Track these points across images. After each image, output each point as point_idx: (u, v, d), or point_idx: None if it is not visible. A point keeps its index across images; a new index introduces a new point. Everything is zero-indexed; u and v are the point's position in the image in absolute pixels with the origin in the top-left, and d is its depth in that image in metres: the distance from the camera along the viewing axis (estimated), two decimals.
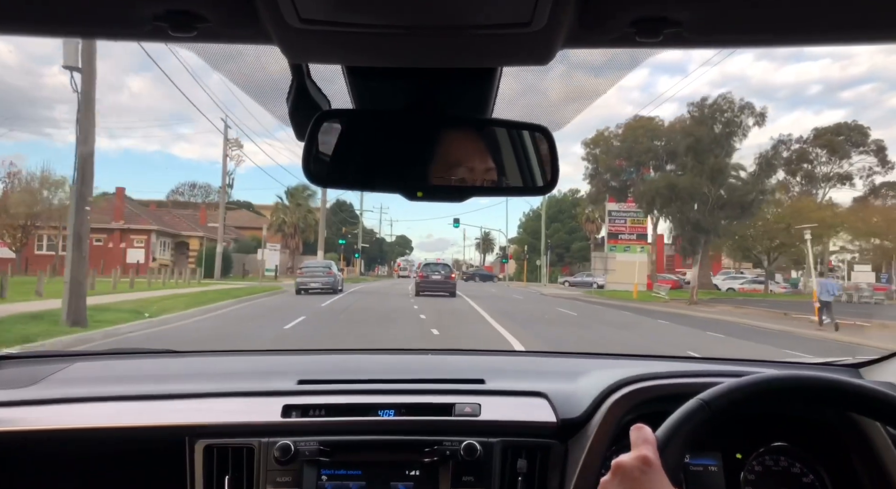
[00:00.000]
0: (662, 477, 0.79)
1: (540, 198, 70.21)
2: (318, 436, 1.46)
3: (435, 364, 2.11)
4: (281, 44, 0.72)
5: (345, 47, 0.75)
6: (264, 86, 1.02)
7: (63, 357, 1.95)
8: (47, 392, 1.64)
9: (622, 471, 0.80)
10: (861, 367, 1.84)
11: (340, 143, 0.99)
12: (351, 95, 1.00)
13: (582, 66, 0.94)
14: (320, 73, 0.99)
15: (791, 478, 1.51)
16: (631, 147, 32.24)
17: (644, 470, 0.79)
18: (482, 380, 1.70)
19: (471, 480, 1.43)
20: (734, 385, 0.95)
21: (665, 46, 0.74)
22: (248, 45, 0.78)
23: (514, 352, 2.89)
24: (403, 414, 1.53)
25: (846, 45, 0.69)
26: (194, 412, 1.53)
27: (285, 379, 1.70)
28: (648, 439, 0.84)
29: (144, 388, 1.65)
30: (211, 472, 1.45)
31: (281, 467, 1.43)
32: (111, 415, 1.53)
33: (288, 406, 1.53)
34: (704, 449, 1.52)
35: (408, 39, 0.71)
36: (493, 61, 0.86)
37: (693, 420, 0.91)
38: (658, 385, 1.46)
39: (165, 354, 2.11)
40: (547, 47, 0.72)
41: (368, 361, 2.21)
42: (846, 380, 0.97)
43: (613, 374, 1.55)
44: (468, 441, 1.44)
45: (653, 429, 0.88)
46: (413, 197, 1.00)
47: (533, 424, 1.50)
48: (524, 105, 1.10)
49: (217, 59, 0.89)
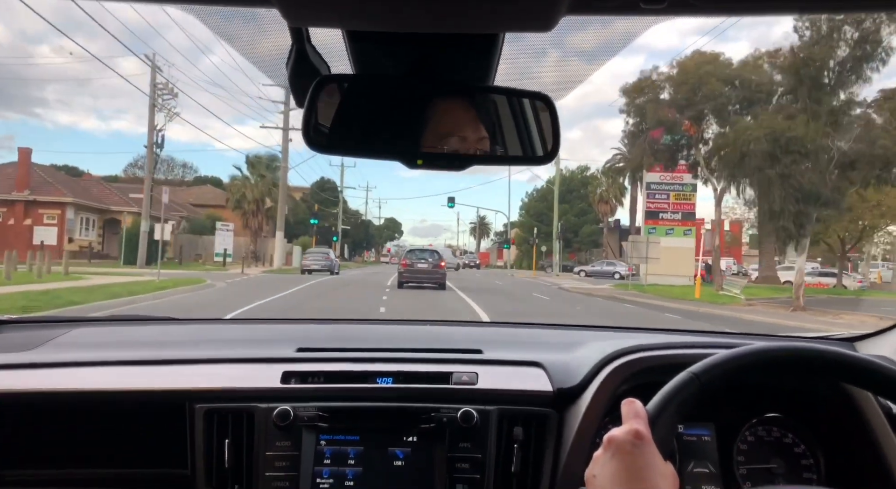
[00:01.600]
0: (654, 449, 0.81)
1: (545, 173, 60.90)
2: (317, 402, 1.46)
3: (433, 334, 2.13)
4: (280, 6, 0.71)
5: (345, 11, 0.75)
6: (264, 51, 1.02)
7: (63, 322, 1.95)
8: (47, 356, 1.64)
9: (614, 444, 0.81)
10: (856, 341, 1.85)
11: (340, 108, 0.99)
12: (351, 61, 1.00)
13: (585, 35, 0.93)
14: (320, 38, 0.98)
15: (783, 448, 1.53)
16: (690, 93, 22.40)
17: (636, 443, 0.81)
18: (479, 350, 1.70)
19: (467, 447, 1.43)
20: (724, 357, 0.95)
21: (670, 13, 0.73)
22: (247, 7, 0.78)
23: (511, 324, 2.56)
24: (401, 381, 1.52)
25: (858, 13, 0.64)
26: (194, 377, 1.53)
27: (285, 346, 1.69)
28: (639, 413, 0.85)
29: (145, 354, 1.64)
30: (211, 437, 1.44)
31: (280, 432, 1.42)
32: (111, 379, 1.53)
33: (287, 372, 1.53)
34: (698, 419, 1.54)
35: (409, 3, 0.71)
36: (496, 27, 0.85)
37: (683, 393, 0.92)
38: (653, 356, 1.48)
39: (165, 321, 2.14)
40: (550, 13, 0.71)
41: (367, 331, 2.24)
42: (837, 351, 0.96)
43: (609, 346, 1.55)
44: (465, 409, 1.44)
45: (645, 401, 0.90)
46: (413, 164, 1.00)
47: (529, 393, 1.50)
48: (526, 73, 1.08)
49: (219, 24, 0.89)
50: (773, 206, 18.97)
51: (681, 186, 29.58)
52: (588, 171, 58.52)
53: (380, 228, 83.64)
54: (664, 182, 29.60)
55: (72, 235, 30.67)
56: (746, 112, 22.01)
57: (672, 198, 29.71)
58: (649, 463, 0.79)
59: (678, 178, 29.26)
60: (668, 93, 24.11)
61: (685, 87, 22.68)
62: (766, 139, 18.06)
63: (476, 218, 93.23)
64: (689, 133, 24.51)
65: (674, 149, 24.42)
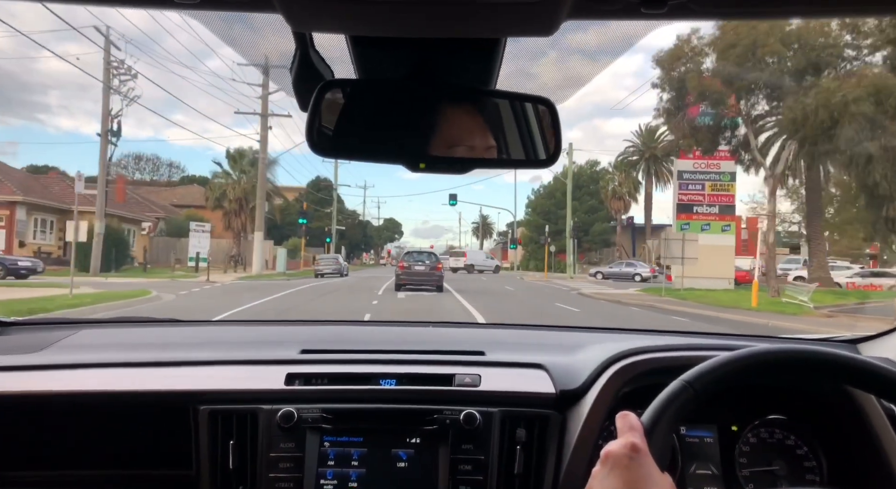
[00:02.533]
0: (651, 462, 0.82)
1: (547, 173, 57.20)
2: (321, 403, 1.49)
3: (436, 336, 2.19)
4: (284, 12, 0.73)
5: (348, 16, 0.77)
6: (268, 56, 1.05)
7: (70, 324, 2.01)
8: (54, 357, 1.70)
9: (611, 459, 0.82)
10: (858, 343, 1.88)
11: (343, 112, 1.02)
12: (354, 65, 1.03)
13: (586, 38, 0.96)
14: (324, 42, 1.02)
15: (786, 450, 1.56)
16: (742, 58, 17.90)
17: (632, 456, 0.81)
18: (482, 351, 1.74)
19: (470, 449, 1.46)
20: (716, 363, 0.96)
21: (671, 18, 0.75)
22: (251, 12, 0.81)
23: (514, 326, 2.58)
24: (404, 383, 1.56)
25: (857, 17, 0.66)
26: (199, 379, 1.57)
27: (288, 348, 1.75)
28: (634, 426, 0.86)
29: (149, 355, 1.70)
30: (215, 438, 1.48)
31: (284, 433, 1.46)
32: (117, 381, 1.58)
33: (291, 374, 1.57)
34: (701, 421, 1.58)
35: (412, 8, 0.73)
36: (498, 32, 0.88)
37: (677, 402, 0.93)
38: (655, 358, 1.51)
39: (170, 323, 2.20)
40: (551, 18, 0.73)
41: (370, 333, 2.32)
42: (833, 353, 0.97)
43: (611, 348, 1.59)
44: (468, 410, 1.47)
45: (644, 405, 0.93)
46: (415, 168, 1.03)
47: (532, 395, 1.53)
48: (527, 76, 1.12)
49: (222, 28, 0.92)
50: (876, 189, 14.34)
51: (717, 175, 25.50)
52: (598, 166, 53.91)
53: (379, 229, 79.95)
54: (699, 170, 25.57)
55: (23, 238, 26.55)
56: (811, 80, 17.39)
57: (708, 188, 25.70)
58: (647, 475, 0.81)
59: (714, 165, 24.88)
60: (713, 60, 19.42)
61: (735, 51, 18.05)
62: (870, 100, 13.45)
63: (479, 217, 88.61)
64: (733, 113, 19.91)
65: (715, 129, 19.86)
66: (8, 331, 1.88)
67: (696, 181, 27.51)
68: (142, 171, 62.38)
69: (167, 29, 54.19)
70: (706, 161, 26.89)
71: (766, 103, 20.22)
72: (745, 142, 21.64)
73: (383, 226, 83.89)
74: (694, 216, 27.49)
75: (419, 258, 23.26)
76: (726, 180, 27.38)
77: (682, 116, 21.43)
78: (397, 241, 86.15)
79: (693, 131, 21.57)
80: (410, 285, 21.90)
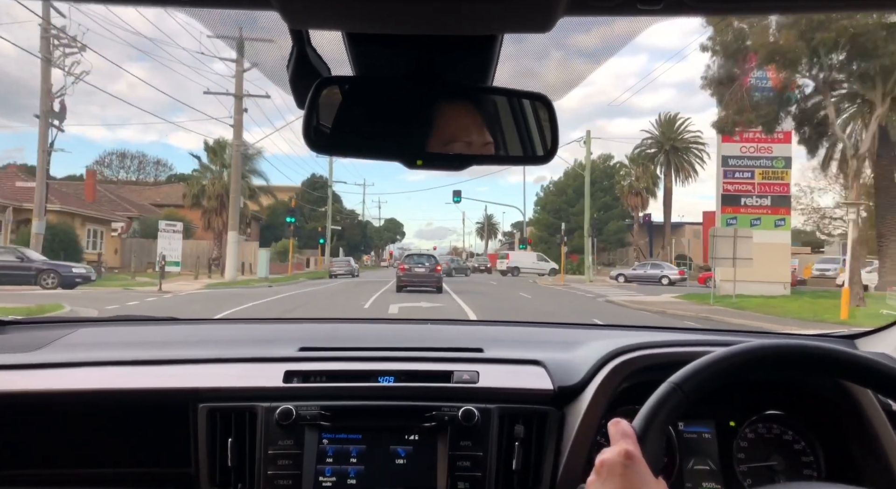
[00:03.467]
0: (645, 468, 0.85)
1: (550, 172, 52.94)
2: (319, 401, 1.53)
3: (434, 333, 2.25)
4: (281, 9, 0.75)
5: (345, 13, 0.79)
6: (264, 53, 1.08)
7: (68, 323, 2.08)
8: (52, 356, 1.75)
9: (606, 467, 0.85)
10: (856, 338, 1.93)
11: (340, 110, 1.05)
12: (351, 62, 1.06)
13: (582, 34, 0.99)
14: (320, 39, 1.05)
15: (783, 445, 1.61)
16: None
17: (627, 464, 0.84)
18: (480, 348, 1.79)
19: (469, 445, 1.50)
20: (704, 363, 0.98)
21: (667, 14, 0.76)
22: (248, 10, 0.82)
23: (512, 323, 2.57)
24: (403, 380, 1.61)
25: (856, 12, 0.67)
26: (197, 376, 1.61)
27: (287, 346, 1.79)
28: (627, 432, 0.89)
29: (148, 354, 1.74)
30: (214, 436, 1.53)
31: (283, 431, 1.50)
32: (115, 379, 1.63)
33: (289, 372, 1.61)
34: (699, 416, 1.63)
35: (408, 6, 0.76)
36: (494, 28, 0.88)
37: (667, 405, 0.95)
38: (653, 354, 1.55)
39: (168, 321, 2.27)
40: (547, 14, 0.75)
41: (368, 330, 2.40)
42: (826, 348, 0.99)
43: (609, 344, 1.63)
44: (466, 407, 1.50)
45: (642, 401, 0.97)
46: (412, 165, 1.05)
47: (530, 391, 1.57)
48: (524, 73, 1.14)
49: (216, 24, 0.95)
50: None
51: (769, 160, 21.39)
52: (611, 160, 49.91)
53: (379, 230, 75.76)
54: (747, 155, 21.23)
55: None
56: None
57: (758, 176, 21.70)
58: (642, 481, 0.84)
59: (766, 149, 20.75)
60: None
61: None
62: None
63: (483, 217, 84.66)
64: (792, 89, 15.65)
65: (779, 101, 15.47)
66: (6, 329, 1.94)
67: (745, 168, 24.32)
68: (127, 170, 58.98)
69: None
70: (756, 144, 23.26)
71: (846, 67, 15.99)
72: (810, 115, 17.31)
73: (384, 226, 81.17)
74: (742, 209, 24.27)
75: (419, 260, 24.86)
76: (780, 166, 23.82)
77: (740, 86, 17.12)
78: (399, 242, 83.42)
79: (754, 105, 17.23)
80: (412, 286, 23.36)
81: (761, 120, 19.10)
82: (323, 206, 52.24)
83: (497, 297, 22.40)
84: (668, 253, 44.97)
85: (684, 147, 47.82)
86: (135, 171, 60.69)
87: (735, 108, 18.61)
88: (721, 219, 24.59)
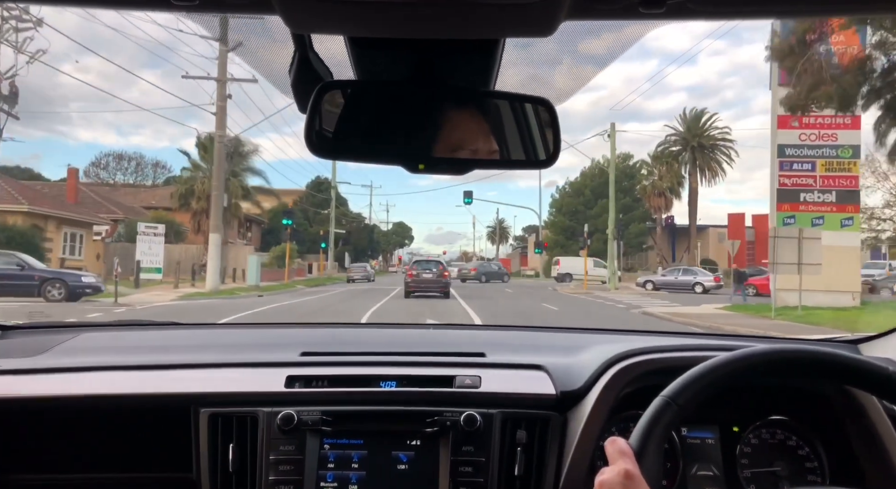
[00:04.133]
0: (645, 486, 0.86)
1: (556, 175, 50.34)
2: (321, 406, 1.57)
3: (436, 338, 2.30)
4: (283, 13, 0.76)
5: (347, 17, 0.80)
6: (267, 58, 1.10)
7: (70, 328, 2.12)
8: (55, 361, 1.78)
9: (606, 488, 0.86)
10: (860, 343, 1.93)
11: (342, 114, 1.07)
12: (353, 67, 1.08)
13: (585, 38, 1.00)
14: (322, 44, 1.07)
15: (787, 451, 1.63)
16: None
17: (626, 484, 0.84)
18: (482, 353, 1.82)
19: (471, 450, 1.52)
20: (695, 375, 0.99)
21: (669, 18, 0.77)
22: (250, 14, 0.84)
23: (514, 327, 2.73)
24: (405, 385, 1.64)
25: (858, 16, 0.69)
26: (199, 381, 1.66)
27: (288, 350, 1.83)
28: (624, 450, 0.90)
29: (150, 358, 1.80)
30: (215, 440, 1.56)
31: (284, 436, 1.54)
32: (117, 384, 1.67)
33: (291, 376, 1.64)
34: (702, 421, 1.66)
35: (410, 10, 0.77)
36: (496, 33, 0.91)
37: (662, 420, 0.96)
38: (656, 359, 1.56)
39: (170, 326, 2.33)
40: (550, 19, 0.76)
41: (370, 335, 2.46)
42: (825, 352, 0.99)
43: (612, 349, 1.65)
44: (468, 412, 1.53)
45: (644, 406, 0.98)
46: (415, 169, 1.07)
47: (532, 396, 1.60)
48: (526, 77, 1.16)
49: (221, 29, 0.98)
50: None
51: (833, 149, 17.98)
52: (631, 159, 46.79)
53: (387, 234, 72.67)
54: (807, 143, 18.09)
55: None
56: None
57: (820, 168, 18.38)
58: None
59: (829, 136, 17.49)
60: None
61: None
62: None
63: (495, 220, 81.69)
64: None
65: (866, 72, 12.24)
66: (8, 335, 1.99)
67: (805, 159, 20.73)
68: (124, 172, 56.33)
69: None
70: (818, 131, 19.64)
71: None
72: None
73: (392, 230, 78.01)
74: (801, 206, 20.92)
75: (427, 266, 25.50)
76: (846, 156, 20.67)
77: (824, 53, 13.76)
78: (408, 246, 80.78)
79: (835, 77, 13.85)
80: (419, 292, 24.22)
81: (846, 94, 15.39)
82: (327, 209, 49.54)
83: (513, 310, 19.19)
84: (694, 257, 41.95)
85: (711, 144, 44.86)
86: (132, 173, 60.31)
87: (809, 83, 15.31)
88: (777, 217, 20.76)
